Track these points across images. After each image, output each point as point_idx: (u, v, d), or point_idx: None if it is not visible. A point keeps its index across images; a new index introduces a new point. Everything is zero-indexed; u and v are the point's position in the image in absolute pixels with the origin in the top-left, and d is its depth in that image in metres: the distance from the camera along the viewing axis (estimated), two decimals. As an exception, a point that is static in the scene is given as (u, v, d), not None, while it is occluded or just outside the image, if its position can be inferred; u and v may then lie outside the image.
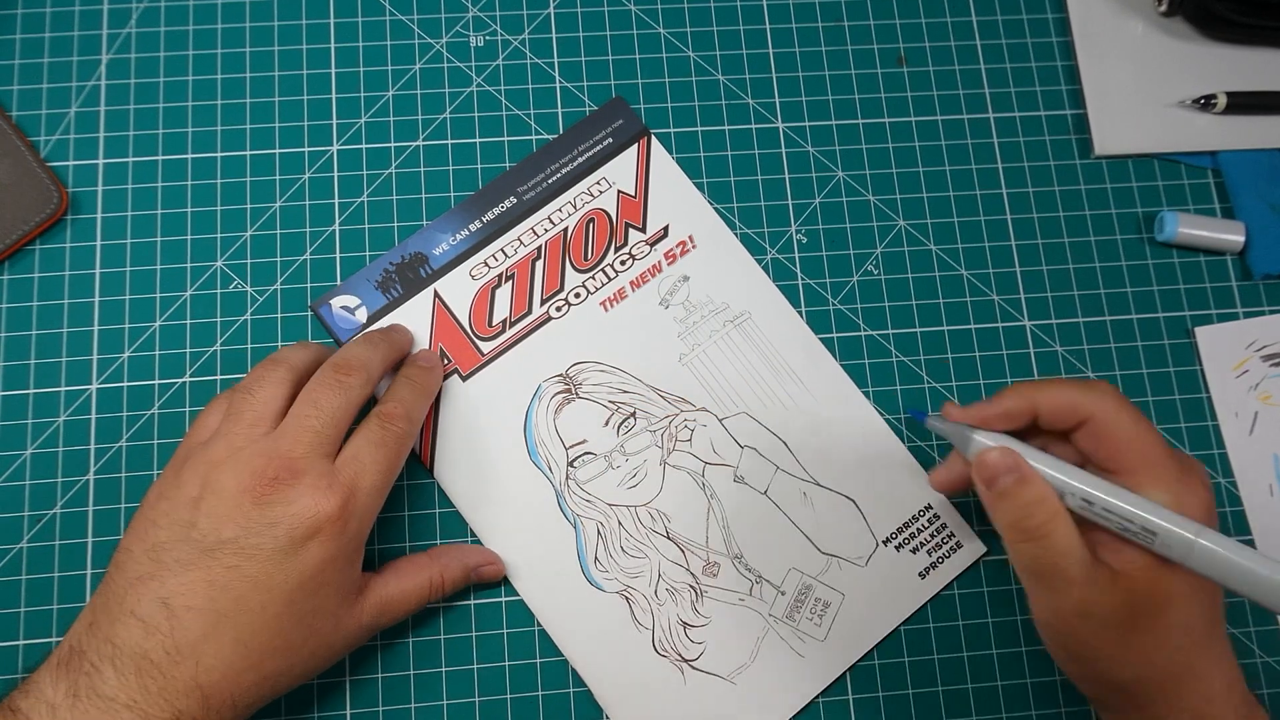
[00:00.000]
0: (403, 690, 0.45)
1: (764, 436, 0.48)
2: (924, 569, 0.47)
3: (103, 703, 0.36)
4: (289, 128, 0.51)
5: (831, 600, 0.46)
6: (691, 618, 0.46)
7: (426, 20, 0.53)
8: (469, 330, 0.49)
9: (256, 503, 0.38)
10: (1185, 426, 0.50)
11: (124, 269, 0.49)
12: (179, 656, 0.37)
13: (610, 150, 0.51)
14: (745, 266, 0.50)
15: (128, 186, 0.50)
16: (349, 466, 0.40)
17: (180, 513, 0.39)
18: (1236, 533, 0.49)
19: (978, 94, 0.54)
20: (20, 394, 0.48)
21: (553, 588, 0.46)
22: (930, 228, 0.52)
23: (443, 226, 0.50)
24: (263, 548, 0.38)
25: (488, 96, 0.52)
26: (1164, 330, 0.51)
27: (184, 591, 0.37)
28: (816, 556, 0.47)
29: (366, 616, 0.41)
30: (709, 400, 0.49)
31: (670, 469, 0.48)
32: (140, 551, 0.38)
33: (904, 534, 0.47)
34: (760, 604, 0.46)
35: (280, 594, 0.38)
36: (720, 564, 0.47)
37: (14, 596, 0.45)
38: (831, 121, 0.53)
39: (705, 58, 0.54)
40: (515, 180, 0.51)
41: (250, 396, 0.41)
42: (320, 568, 0.38)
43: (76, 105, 0.51)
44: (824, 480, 0.48)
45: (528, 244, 0.50)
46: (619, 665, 0.45)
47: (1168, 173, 0.53)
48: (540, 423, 0.48)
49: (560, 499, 0.47)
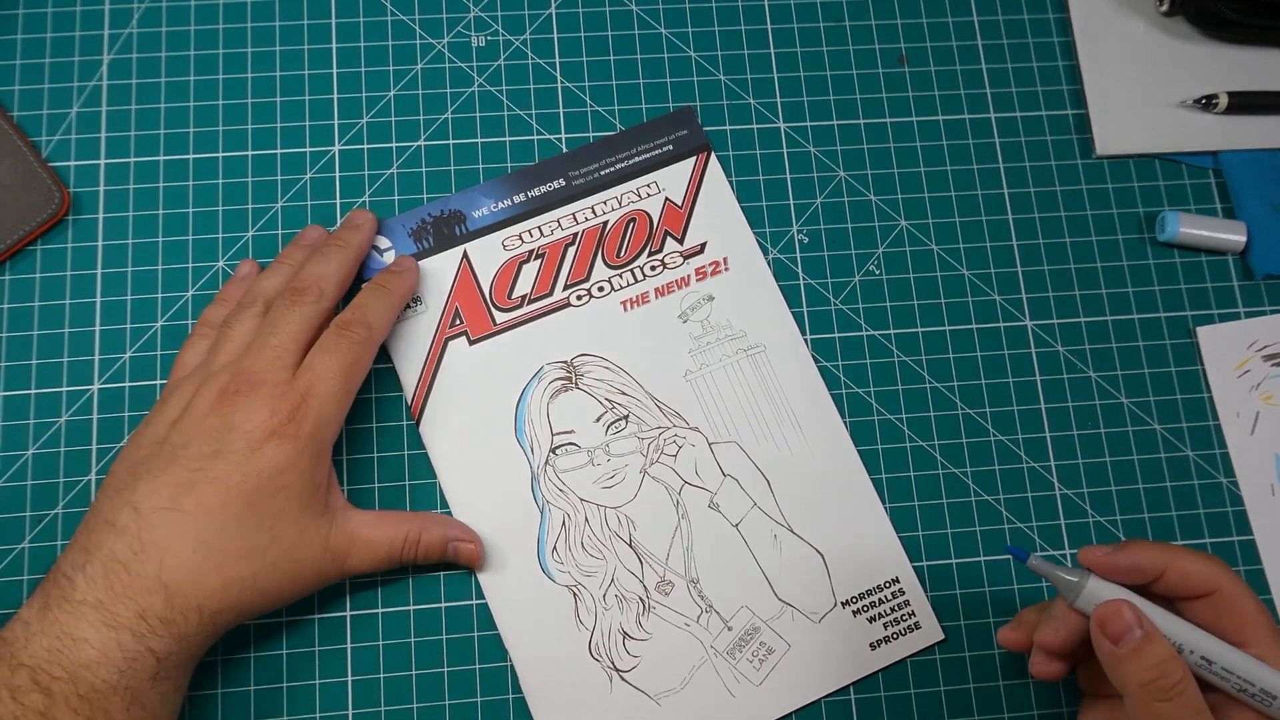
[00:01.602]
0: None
1: (748, 470, 0.48)
2: (877, 640, 0.46)
3: (71, 607, 0.38)
4: (290, 128, 0.51)
5: (776, 648, 0.46)
6: (634, 630, 0.46)
7: (428, 20, 0.53)
8: (488, 297, 0.49)
9: (220, 414, 0.41)
10: (1186, 426, 0.50)
11: (126, 269, 0.49)
12: (144, 554, 0.39)
13: (668, 156, 0.51)
14: (772, 301, 0.50)
15: (129, 187, 0.50)
16: (305, 374, 0.43)
17: (158, 432, 0.42)
18: (1237, 533, 0.49)
19: (979, 94, 0.54)
20: (22, 394, 0.48)
21: (505, 566, 0.46)
22: (932, 227, 0.52)
23: (488, 191, 0.50)
24: (222, 451, 0.40)
25: (489, 97, 0.52)
26: (1165, 330, 0.51)
27: (151, 495, 0.40)
28: (772, 601, 0.46)
29: (334, 539, 0.43)
30: (703, 422, 0.48)
31: (649, 479, 0.48)
32: (122, 470, 0.41)
33: (865, 600, 0.47)
34: (704, 633, 0.46)
35: (239, 494, 0.40)
36: (675, 584, 0.46)
37: (16, 597, 0.45)
38: (833, 121, 0.53)
39: (706, 58, 0.54)
40: (568, 164, 0.51)
41: (229, 330, 0.45)
42: (278, 469, 0.41)
43: (78, 105, 0.51)
44: (797, 527, 0.47)
45: (565, 228, 0.50)
46: (551, 656, 0.45)
47: (1169, 173, 0.53)
48: (533, 403, 0.48)
49: (534, 482, 0.47)
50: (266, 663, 0.45)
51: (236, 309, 0.45)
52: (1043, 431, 0.50)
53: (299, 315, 0.44)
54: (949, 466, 0.49)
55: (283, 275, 0.46)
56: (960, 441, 0.49)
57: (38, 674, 0.36)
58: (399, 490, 0.47)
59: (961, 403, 0.50)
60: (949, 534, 0.48)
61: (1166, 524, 0.49)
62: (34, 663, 0.37)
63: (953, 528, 0.48)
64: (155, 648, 0.38)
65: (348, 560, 0.43)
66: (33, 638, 0.37)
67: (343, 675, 0.45)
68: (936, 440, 0.49)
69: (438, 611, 0.46)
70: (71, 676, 0.37)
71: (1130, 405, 0.50)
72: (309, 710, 0.45)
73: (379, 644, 0.46)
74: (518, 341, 0.49)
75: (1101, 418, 0.50)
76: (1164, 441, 0.50)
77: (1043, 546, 0.49)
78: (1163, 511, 0.49)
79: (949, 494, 0.49)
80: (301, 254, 0.47)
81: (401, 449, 0.48)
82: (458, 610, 0.46)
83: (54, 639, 0.37)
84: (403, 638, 0.46)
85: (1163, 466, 0.50)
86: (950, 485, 0.49)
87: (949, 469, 0.49)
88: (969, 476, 0.49)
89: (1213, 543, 0.49)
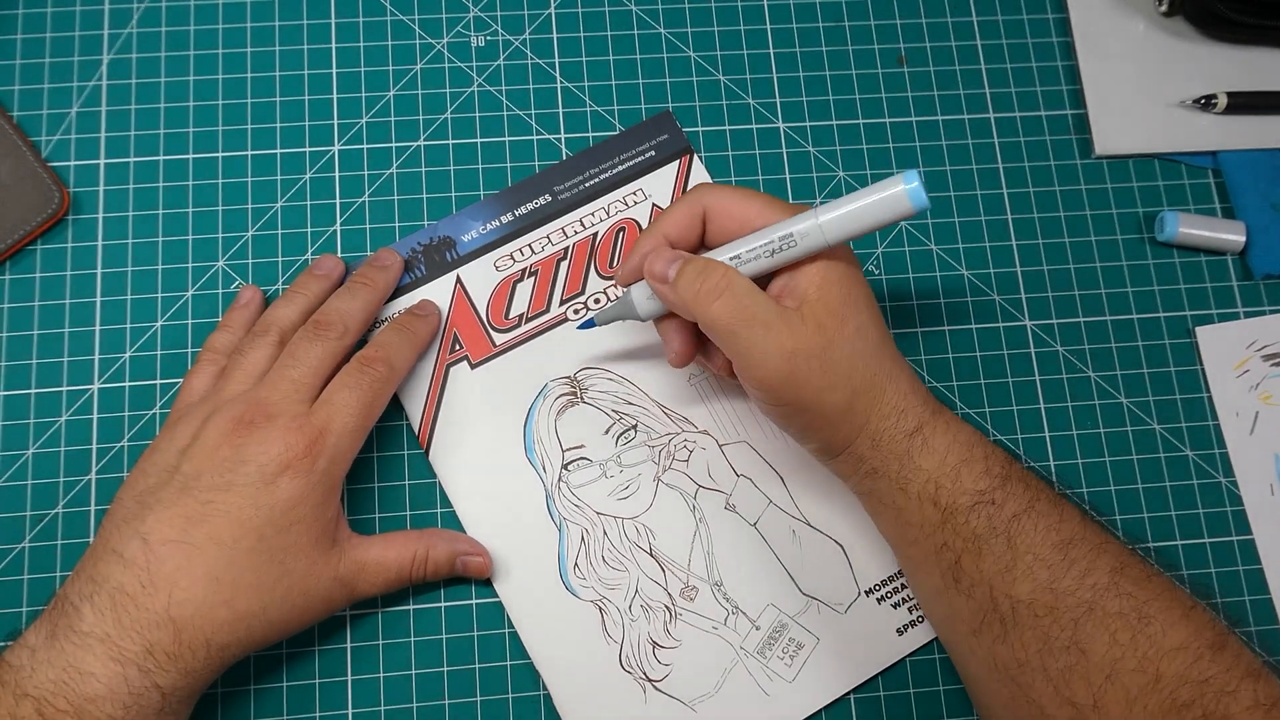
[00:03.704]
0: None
1: (761, 468, 0.48)
2: (903, 626, 0.46)
3: (78, 638, 0.37)
4: (290, 128, 0.51)
5: (805, 642, 0.46)
6: (662, 638, 0.46)
7: (428, 20, 0.53)
8: (485, 320, 0.49)
9: (233, 444, 0.40)
10: (1186, 426, 0.50)
11: (125, 269, 0.49)
12: (153, 588, 0.38)
13: (651, 162, 0.51)
14: None
15: (129, 186, 0.50)
16: (322, 409, 0.42)
17: (168, 460, 0.41)
18: (1237, 532, 0.49)
19: (978, 94, 0.54)
20: (22, 394, 0.48)
21: (529, 587, 0.46)
22: (931, 227, 0.52)
23: (475, 214, 0.50)
24: (235, 484, 0.39)
25: (489, 97, 0.52)
26: (1165, 330, 0.51)
27: (161, 527, 0.39)
28: (796, 596, 0.47)
29: (343, 568, 0.42)
30: (712, 424, 0.48)
31: (663, 486, 0.48)
32: (130, 499, 0.40)
33: (887, 587, 0.47)
34: (733, 635, 0.46)
35: (251, 528, 0.39)
36: (699, 589, 0.46)
37: (16, 596, 0.45)
38: (832, 121, 0.53)
39: (706, 58, 0.54)
40: (552, 179, 0.51)
41: (241, 358, 0.44)
42: (290, 504, 0.40)
43: (78, 105, 0.51)
44: (815, 521, 0.47)
45: (556, 243, 0.50)
46: (583, 674, 0.45)
47: (1168, 172, 0.53)
48: (541, 421, 0.48)
49: (549, 500, 0.47)
50: (266, 663, 0.45)
51: (249, 337, 0.45)
52: (1043, 432, 0.50)
53: (321, 350, 0.43)
54: (948, 466, 0.49)
55: (298, 306, 0.46)
56: (960, 441, 0.49)
57: (43, 706, 0.36)
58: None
59: (961, 403, 0.50)
60: (948, 534, 0.48)
61: (1166, 524, 0.49)
62: (39, 694, 0.36)
63: (952, 527, 0.48)
64: (161, 683, 0.37)
65: (357, 587, 0.43)
66: (39, 667, 0.37)
67: (342, 675, 0.45)
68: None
69: (437, 611, 0.46)
70: (77, 711, 0.36)
71: (1130, 405, 0.50)
72: (309, 710, 0.45)
73: (379, 644, 0.46)
74: (519, 361, 0.49)
75: (1101, 418, 0.50)
76: (1163, 441, 0.50)
77: (1042, 546, 0.49)
78: (1162, 511, 0.49)
79: (948, 494, 0.49)
80: (317, 284, 0.47)
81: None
82: (457, 610, 0.46)
83: (60, 670, 0.37)
84: (402, 637, 0.46)
85: (1162, 466, 0.50)
86: (950, 485, 0.49)
87: (948, 469, 0.49)
88: (968, 476, 0.49)
89: (1212, 543, 0.49)
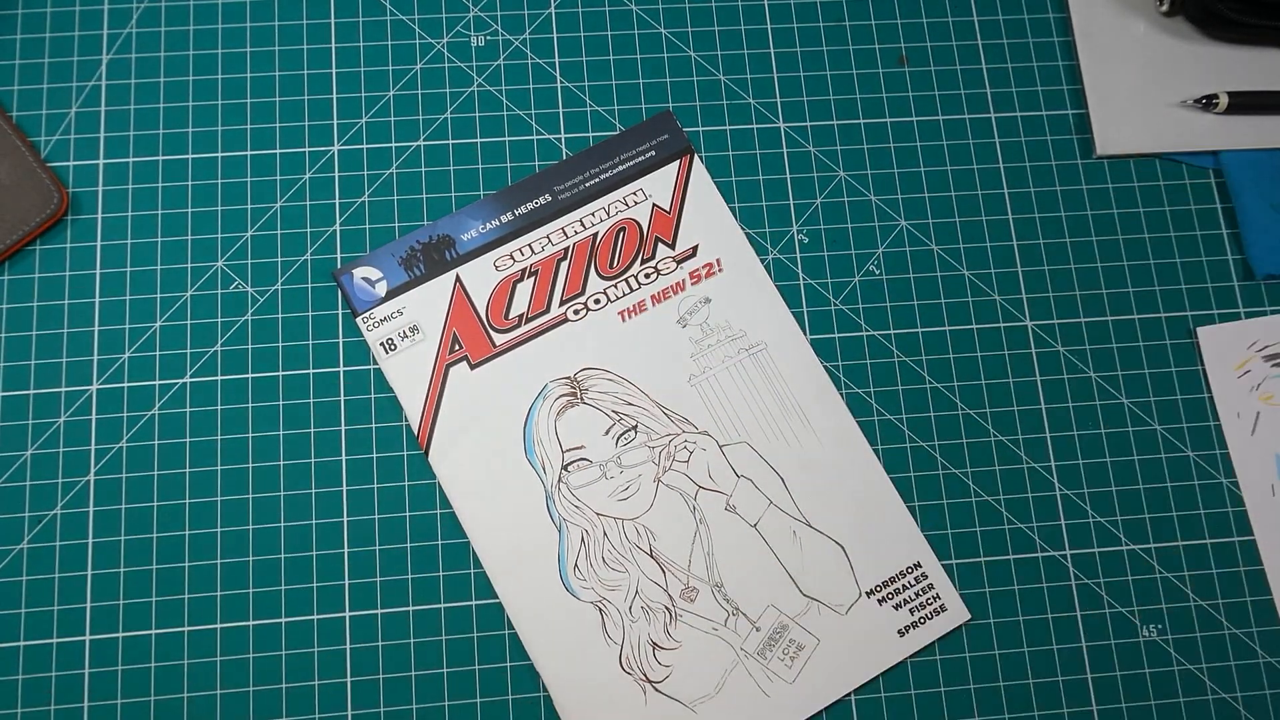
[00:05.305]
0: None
1: (761, 469, 0.48)
2: (904, 627, 0.47)
3: None
4: (290, 128, 0.51)
5: (806, 644, 0.46)
6: (663, 639, 0.46)
7: (427, 20, 0.53)
8: (485, 319, 0.49)
9: None
10: (1187, 426, 0.50)
11: (124, 269, 0.49)
12: None
13: (651, 163, 0.51)
14: (769, 298, 0.50)
15: (128, 187, 0.50)
16: None
17: None
18: (1237, 533, 0.49)
19: (979, 94, 0.54)
20: (21, 394, 0.48)
21: (529, 588, 0.46)
22: (932, 228, 0.52)
23: (474, 214, 0.50)
24: None
25: (489, 97, 0.52)
26: (1166, 330, 0.51)
27: None
28: (797, 597, 0.47)
29: None
30: (712, 425, 0.48)
31: (663, 487, 0.48)
32: None
33: (888, 588, 0.47)
34: (734, 636, 0.46)
35: None
36: (699, 590, 0.46)
37: (14, 597, 0.45)
38: (833, 121, 0.53)
39: (706, 58, 0.54)
40: (553, 178, 0.51)
41: None
42: None
43: (77, 105, 0.51)
44: (815, 522, 0.48)
45: (556, 243, 0.50)
46: (583, 675, 0.45)
47: (1169, 172, 0.53)
48: (541, 422, 0.48)
49: (549, 500, 0.47)
50: (266, 663, 0.45)
51: None
52: (1043, 432, 0.50)
53: None
54: (949, 467, 0.49)
55: None
56: (960, 442, 0.49)
57: None
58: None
59: (962, 403, 0.50)
60: (949, 534, 0.48)
61: (1167, 524, 0.49)
62: None
63: (953, 528, 0.48)
64: None
65: None
66: None
67: (342, 676, 0.45)
68: (937, 441, 0.49)
69: (437, 612, 0.46)
70: None
71: (1130, 405, 0.50)
72: (309, 711, 0.45)
73: (379, 645, 0.46)
74: (519, 362, 0.49)
75: (1102, 418, 0.50)
76: (1164, 442, 0.50)
77: (1043, 547, 0.49)
78: (1163, 512, 0.49)
79: (949, 494, 0.49)
80: None
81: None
82: (457, 611, 0.46)
83: None
84: (402, 639, 0.46)
85: (1163, 467, 0.50)
86: (950, 486, 0.49)
87: (949, 469, 0.49)
88: (969, 477, 0.49)
89: (1213, 543, 0.49)
